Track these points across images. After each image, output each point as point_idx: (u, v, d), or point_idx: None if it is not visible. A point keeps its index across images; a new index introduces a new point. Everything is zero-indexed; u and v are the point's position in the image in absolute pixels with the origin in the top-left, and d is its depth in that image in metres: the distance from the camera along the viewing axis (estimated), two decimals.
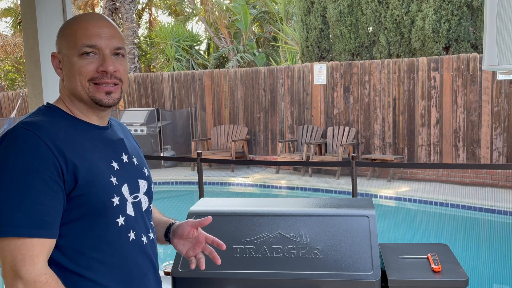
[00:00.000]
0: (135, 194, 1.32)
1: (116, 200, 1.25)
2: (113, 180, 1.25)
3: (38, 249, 1.13)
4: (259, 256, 1.76)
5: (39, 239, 1.13)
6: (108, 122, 1.36)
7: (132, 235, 1.29)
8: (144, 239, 1.33)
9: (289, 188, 9.44)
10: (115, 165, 1.28)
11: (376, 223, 1.81)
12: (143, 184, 1.36)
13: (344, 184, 8.86)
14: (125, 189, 1.29)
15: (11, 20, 20.39)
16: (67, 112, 1.28)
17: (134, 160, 1.37)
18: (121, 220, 1.26)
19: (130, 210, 1.29)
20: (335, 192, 8.89)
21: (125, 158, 1.33)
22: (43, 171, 1.14)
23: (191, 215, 1.90)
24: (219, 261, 1.45)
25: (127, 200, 1.29)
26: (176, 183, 10.07)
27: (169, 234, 1.50)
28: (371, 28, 10.65)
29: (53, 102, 1.31)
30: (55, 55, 1.29)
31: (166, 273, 2.19)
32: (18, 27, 19.87)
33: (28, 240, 1.12)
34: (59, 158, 1.16)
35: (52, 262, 1.18)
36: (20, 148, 1.14)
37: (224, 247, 1.47)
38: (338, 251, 1.73)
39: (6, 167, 1.13)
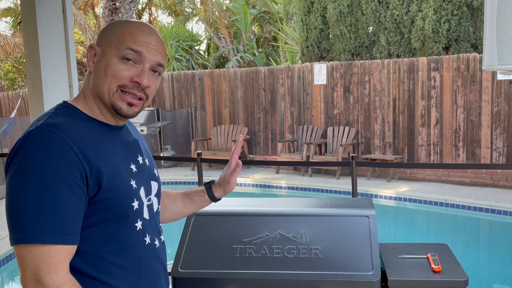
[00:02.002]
0: (149, 197, 1.31)
1: (136, 204, 1.23)
2: (133, 183, 1.23)
3: (63, 256, 1.10)
4: (259, 256, 1.76)
5: (63, 246, 1.10)
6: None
7: (147, 239, 1.28)
8: (156, 242, 1.32)
9: (289, 188, 9.44)
10: (133, 167, 1.26)
11: (376, 223, 1.81)
12: (154, 186, 1.34)
13: (344, 184, 8.86)
14: (142, 192, 1.27)
15: (11, 20, 20.39)
16: (85, 113, 1.23)
17: (146, 161, 1.35)
18: (139, 224, 1.25)
19: (146, 214, 1.28)
20: (335, 192, 8.89)
21: (140, 159, 1.31)
22: (69, 176, 1.10)
23: (191, 215, 1.90)
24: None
25: (144, 203, 1.27)
26: (176, 183, 10.06)
27: (212, 192, 1.54)
28: (371, 28, 10.65)
29: (71, 100, 1.27)
30: (93, 47, 1.24)
31: None
32: (18, 27, 19.87)
33: (53, 247, 1.08)
34: (83, 162, 1.12)
35: (71, 268, 1.15)
36: (46, 152, 1.10)
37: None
38: (338, 251, 1.73)
39: (31, 171, 1.09)
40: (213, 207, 1.98)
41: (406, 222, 8.05)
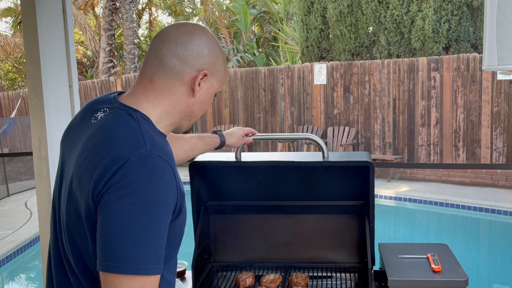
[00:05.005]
0: None
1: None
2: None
3: (157, 284, 1.09)
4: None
5: (159, 275, 1.09)
6: None
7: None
8: None
9: None
10: None
11: (374, 174, 1.79)
12: None
13: None
14: None
15: (11, 20, 20.40)
16: (156, 126, 1.19)
17: None
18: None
19: None
20: None
21: None
22: (171, 205, 1.10)
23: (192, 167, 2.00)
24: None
25: None
26: None
27: (223, 140, 1.80)
28: (371, 28, 10.65)
29: (137, 105, 1.18)
30: (207, 75, 1.21)
31: None
32: (18, 27, 19.89)
33: (153, 276, 1.07)
34: (178, 190, 1.12)
35: None
36: (157, 180, 1.07)
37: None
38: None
39: (142, 199, 1.05)
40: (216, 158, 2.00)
41: (406, 222, 8.05)
